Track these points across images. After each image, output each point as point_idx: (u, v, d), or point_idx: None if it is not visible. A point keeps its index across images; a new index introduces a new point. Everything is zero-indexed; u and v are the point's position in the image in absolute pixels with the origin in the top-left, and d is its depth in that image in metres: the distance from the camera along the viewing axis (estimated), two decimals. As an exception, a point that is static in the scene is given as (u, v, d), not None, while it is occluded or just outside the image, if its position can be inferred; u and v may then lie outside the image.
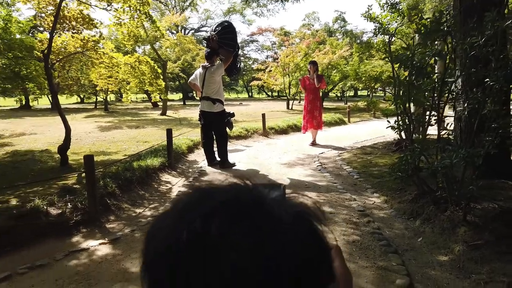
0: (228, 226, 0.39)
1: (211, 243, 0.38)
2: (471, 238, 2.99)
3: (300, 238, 0.41)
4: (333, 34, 38.42)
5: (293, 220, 0.42)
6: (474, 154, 2.75)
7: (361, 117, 16.27)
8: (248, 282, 0.37)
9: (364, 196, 4.72)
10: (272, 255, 0.38)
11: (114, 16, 6.88)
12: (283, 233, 0.40)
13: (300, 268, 0.39)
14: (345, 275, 0.56)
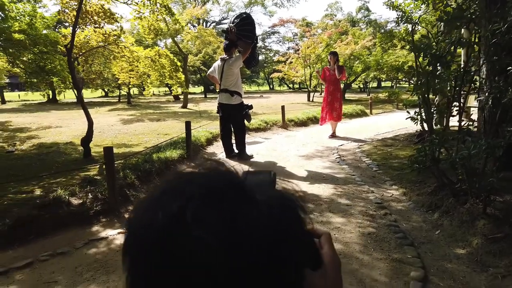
0: (203, 210, 0.39)
1: (185, 225, 0.38)
2: (490, 231, 2.91)
3: (278, 224, 0.42)
4: (356, 24, 37.65)
5: (273, 206, 0.43)
6: (495, 145, 2.66)
7: (384, 108, 15.96)
8: (222, 267, 0.37)
9: (383, 189, 4.66)
10: (247, 240, 0.39)
11: (134, 10, 6.98)
12: (260, 218, 0.40)
13: (275, 254, 0.40)
14: (333, 261, 0.56)
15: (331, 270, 0.53)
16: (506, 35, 2.81)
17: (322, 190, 4.62)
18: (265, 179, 0.59)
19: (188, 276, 0.37)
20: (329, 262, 0.53)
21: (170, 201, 0.41)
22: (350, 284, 2.53)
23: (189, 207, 0.39)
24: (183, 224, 0.38)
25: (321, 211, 3.90)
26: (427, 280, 2.57)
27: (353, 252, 2.99)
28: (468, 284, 2.50)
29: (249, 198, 0.42)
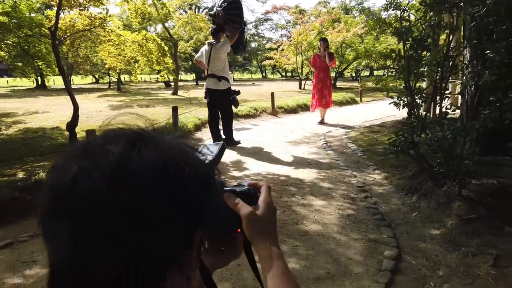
0: (79, 176, 0.42)
1: (66, 190, 0.41)
2: (464, 213, 2.97)
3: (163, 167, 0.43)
4: (349, 12, 37.42)
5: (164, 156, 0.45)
6: (470, 128, 2.69)
7: (374, 96, 16.00)
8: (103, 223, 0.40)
9: (365, 173, 4.71)
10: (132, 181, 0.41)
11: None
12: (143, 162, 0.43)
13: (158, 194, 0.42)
14: (265, 201, 0.70)
15: (263, 207, 0.68)
16: (485, 19, 2.83)
17: (306, 175, 4.66)
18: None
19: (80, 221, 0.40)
20: (262, 201, 0.69)
21: (58, 167, 0.44)
22: (326, 262, 2.58)
23: (69, 173, 0.42)
24: (65, 190, 0.41)
25: (303, 194, 3.94)
26: (401, 259, 2.63)
27: (331, 232, 3.04)
28: (440, 263, 2.56)
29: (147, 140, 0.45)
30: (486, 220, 2.83)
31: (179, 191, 0.44)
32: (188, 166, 0.46)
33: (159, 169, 0.43)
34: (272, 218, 0.69)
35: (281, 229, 3.11)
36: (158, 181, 0.42)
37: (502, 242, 2.61)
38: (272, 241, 0.67)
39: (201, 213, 0.48)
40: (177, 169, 0.45)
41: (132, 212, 0.40)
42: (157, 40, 7.33)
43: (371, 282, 2.34)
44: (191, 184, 0.46)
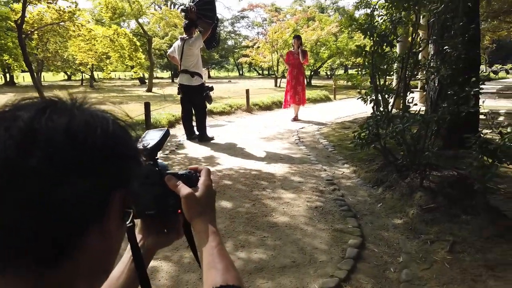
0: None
1: None
2: (425, 202, 3.10)
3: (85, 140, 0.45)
4: (325, 11, 37.92)
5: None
6: (429, 120, 2.81)
7: (347, 94, 16.29)
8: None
9: (335, 167, 4.82)
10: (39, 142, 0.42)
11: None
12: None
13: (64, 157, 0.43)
14: (205, 183, 0.73)
15: (202, 189, 0.71)
16: (443, 15, 2.95)
17: (277, 169, 4.73)
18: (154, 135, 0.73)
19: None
20: (201, 184, 0.72)
21: None
22: (292, 252, 2.64)
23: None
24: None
25: (274, 188, 4.00)
26: (364, 247, 2.72)
27: (299, 223, 3.11)
28: (401, 250, 2.67)
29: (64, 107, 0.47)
30: (444, 209, 2.96)
31: (90, 156, 0.45)
32: (104, 133, 0.47)
33: (69, 134, 0.44)
34: (211, 200, 0.72)
35: (250, 221, 3.15)
36: (67, 145, 0.43)
37: (459, 229, 2.74)
38: (209, 220, 0.70)
39: (118, 178, 0.49)
40: (90, 135, 0.45)
41: (42, 174, 0.41)
42: (128, 35, 7.23)
43: (334, 269, 2.41)
44: (105, 151, 0.46)
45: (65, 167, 0.43)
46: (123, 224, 0.54)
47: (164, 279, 2.34)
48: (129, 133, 0.54)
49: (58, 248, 0.43)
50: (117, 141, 0.50)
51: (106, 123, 0.49)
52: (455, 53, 2.96)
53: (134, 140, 0.55)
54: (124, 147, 0.51)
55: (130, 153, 0.52)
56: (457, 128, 3.92)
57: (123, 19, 17.04)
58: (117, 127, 0.51)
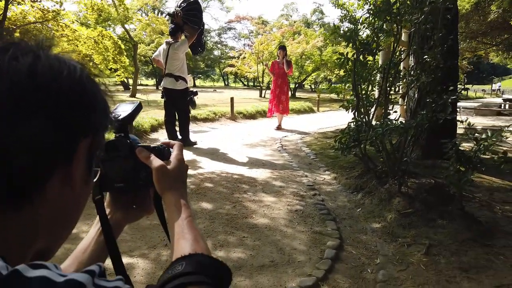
0: None
1: None
2: (403, 207, 3.15)
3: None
4: (310, 26, 38.56)
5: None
6: (407, 126, 2.88)
7: (331, 107, 16.54)
8: None
9: (316, 174, 4.85)
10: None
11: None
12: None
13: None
14: (176, 157, 0.72)
15: (174, 163, 0.71)
16: (423, 25, 3.05)
17: (259, 174, 4.73)
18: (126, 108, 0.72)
19: None
20: (174, 157, 0.72)
21: None
22: (271, 252, 2.64)
23: None
24: None
25: (255, 192, 4.00)
26: (342, 249, 2.74)
27: (278, 225, 3.11)
28: (378, 252, 2.69)
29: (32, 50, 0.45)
30: (421, 214, 3.02)
31: (54, 100, 0.43)
32: (71, 78, 0.46)
33: (33, 75, 0.42)
34: (182, 174, 0.72)
35: (230, 222, 3.14)
36: (30, 86, 0.42)
37: (434, 233, 2.79)
38: (180, 194, 0.69)
39: (84, 126, 0.48)
40: (56, 79, 0.44)
41: (3, 112, 0.40)
42: (113, 38, 7.18)
43: (312, 269, 2.41)
44: (71, 96, 0.45)
45: (28, 108, 0.41)
46: (89, 180, 0.53)
47: (139, 276, 2.29)
48: (99, 86, 0.52)
49: (17, 189, 0.42)
50: (85, 90, 0.48)
51: (74, 69, 0.48)
52: (434, 63, 3.05)
53: (103, 94, 0.53)
54: (92, 97, 0.49)
55: (98, 104, 0.51)
56: (436, 138, 4.01)
57: (108, 24, 16.95)
58: (86, 76, 0.50)
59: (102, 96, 0.52)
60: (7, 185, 0.41)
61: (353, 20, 5.56)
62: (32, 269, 0.37)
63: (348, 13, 6.06)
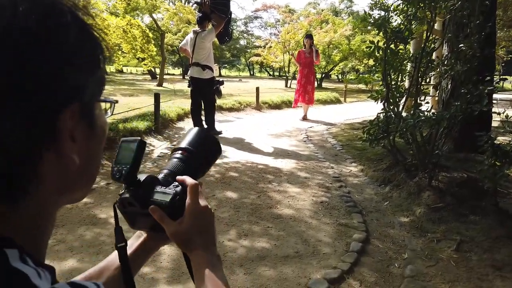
0: None
1: None
2: (433, 202, 3.05)
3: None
4: (338, 14, 37.77)
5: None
6: (439, 117, 2.77)
7: (358, 97, 16.21)
8: None
9: (342, 165, 4.78)
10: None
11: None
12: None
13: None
14: (191, 210, 0.64)
15: (187, 220, 0.63)
16: (460, 12, 2.90)
17: (284, 164, 4.70)
18: None
19: None
20: (187, 212, 0.63)
21: None
22: (295, 243, 2.62)
23: None
24: None
25: (280, 182, 3.98)
26: (368, 242, 2.69)
27: (303, 217, 3.08)
28: (406, 247, 2.63)
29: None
30: (452, 209, 2.92)
31: (27, 74, 0.35)
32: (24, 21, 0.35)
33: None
34: (202, 227, 0.64)
35: (254, 212, 3.14)
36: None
37: (466, 229, 2.69)
38: (199, 254, 0.63)
39: (67, 87, 0.39)
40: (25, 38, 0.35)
41: None
42: (141, 27, 7.26)
43: (337, 262, 2.38)
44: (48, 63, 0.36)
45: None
46: (93, 133, 0.45)
47: (165, 262, 2.33)
48: (82, 27, 0.42)
49: (9, 187, 0.37)
50: (50, 41, 0.37)
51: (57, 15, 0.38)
52: (470, 52, 2.91)
53: (90, 37, 0.43)
54: (66, 49, 0.38)
55: (76, 57, 0.40)
56: (469, 130, 3.86)
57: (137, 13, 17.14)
58: (57, 14, 0.39)
59: (86, 42, 0.42)
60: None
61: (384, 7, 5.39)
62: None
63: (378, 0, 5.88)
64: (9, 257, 0.34)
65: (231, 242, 2.61)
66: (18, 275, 0.33)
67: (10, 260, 0.34)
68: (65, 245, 2.52)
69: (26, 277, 0.34)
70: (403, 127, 2.76)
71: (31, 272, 0.34)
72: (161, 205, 0.63)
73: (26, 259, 0.35)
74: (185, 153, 0.72)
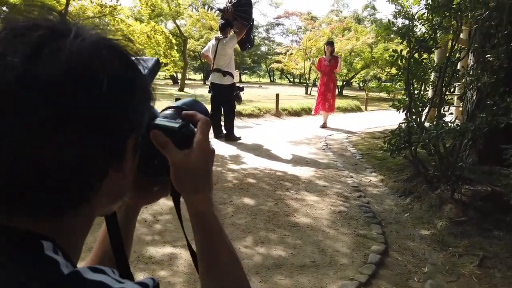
0: (11, 38, 0.38)
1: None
2: (455, 215, 2.97)
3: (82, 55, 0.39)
4: (361, 22, 37.49)
5: (87, 45, 0.40)
6: (464, 129, 2.70)
7: (380, 106, 16.01)
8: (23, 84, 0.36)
9: (362, 175, 4.71)
10: (46, 63, 0.37)
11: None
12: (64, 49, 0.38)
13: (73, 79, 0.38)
14: (199, 144, 0.57)
15: (196, 153, 0.56)
16: (487, 22, 2.84)
17: (302, 172, 4.68)
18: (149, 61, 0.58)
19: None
20: (196, 144, 0.57)
21: None
22: (312, 252, 2.59)
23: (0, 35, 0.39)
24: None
25: (298, 190, 3.95)
26: (387, 254, 2.63)
27: (321, 226, 3.05)
28: (426, 260, 2.56)
29: (64, 34, 0.40)
30: (475, 223, 2.83)
31: (106, 99, 0.40)
32: (123, 70, 0.43)
33: (73, 80, 0.38)
34: (206, 167, 0.58)
35: (271, 219, 3.12)
36: (73, 94, 0.38)
37: (489, 244, 2.61)
38: (203, 196, 0.58)
39: (133, 120, 0.45)
40: (107, 74, 0.40)
41: (49, 127, 0.37)
42: (165, 32, 7.39)
43: (355, 273, 2.34)
44: (123, 90, 0.42)
45: (70, 130, 0.38)
46: (135, 156, 0.50)
47: (182, 266, 2.34)
48: (140, 70, 0.47)
49: (75, 197, 0.41)
50: (127, 81, 0.43)
51: (126, 59, 0.44)
52: (497, 63, 2.84)
53: (146, 77, 0.49)
54: (135, 87, 0.45)
55: (144, 95, 0.47)
56: (495, 143, 3.75)
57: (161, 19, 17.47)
58: (130, 63, 0.45)
59: (146, 83, 0.48)
60: (65, 195, 0.41)
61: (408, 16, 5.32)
62: (92, 272, 0.38)
63: (403, 8, 5.80)
64: (44, 247, 0.38)
65: (247, 249, 2.60)
66: (50, 261, 0.38)
67: (45, 249, 0.38)
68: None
69: (57, 264, 0.38)
70: (426, 138, 2.70)
71: (61, 261, 0.38)
72: (167, 129, 0.55)
73: (58, 252, 0.39)
74: (180, 111, 0.62)
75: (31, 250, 0.38)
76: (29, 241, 0.38)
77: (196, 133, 0.58)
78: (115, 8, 6.82)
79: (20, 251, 0.37)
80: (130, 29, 7.25)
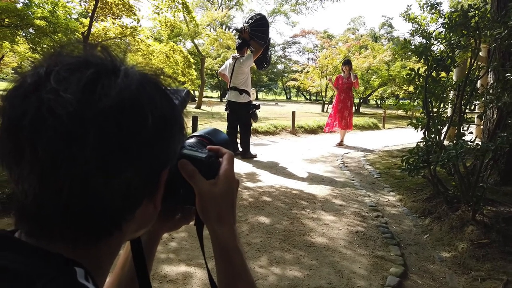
0: (64, 74, 0.40)
1: (47, 84, 0.39)
2: (477, 237, 2.87)
3: (131, 94, 0.41)
4: (378, 40, 37.54)
5: (133, 82, 0.42)
6: (484, 148, 2.64)
7: (397, 124, 15.84)
8: (75, 120, 0.38)
9: (380, 194, 4.63)
10: (99, 103, 0.39)
11: (153, 5, 7.17)
12: (114, 86, 0.41)
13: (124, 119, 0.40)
14: (225, 175, 0.59)
15: (223, 183, 0.58)
16: (506, 41, 2.80)
17: (318, 191, 4.63)
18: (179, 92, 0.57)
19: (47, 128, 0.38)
20: (222, 175, 0.58)
21: (38, 69, 0.42)
22: (328, 273, 2.54)
23: (54, 70, 0.40)
24: (46, 84, 0.39)
25: (314, 209, 3.91)
26: (406, 277, 2.56)
27: (337, 246, 2.99)
28: (447, 284, 2.48)
29: (113, 72, 0.42)
30: (498, 246, 2.73)
31: (150, 133, 0.42)
32: (163, 105, 0.45)
33: (120, 120, 0.40)
34: (232, 197, 0.60)
35: (287, 239, 3.09)
36: (120, 135, 0.40)
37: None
38: (228, 228, 0.59)
39: (169, 152, 0.48)
40: (150, 109, 0.43)
41: (99, 160, 0.39)
42: (183, 52, 7.55)
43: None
44: (163, 124, 0.45)
45: (118, 163, 0.41)
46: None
47: (196, 285, 2.32)
48: (175, 103, 0.50)
49: (111, 225, 0.45)
50: (168, 119, 0.47)
51: (166, 96, 0.47)
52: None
53: (179, 110, 0.51)
54: (172, 123, 0.48)
55: (179, 127, 0.50)
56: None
57: (179, 39, 17.90)
58: (168, 98, 0.48)
59: (180, 114, 0.51)
60: (102, 223, 0.44)
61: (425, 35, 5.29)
62: None
63: (420, 27, 5.79)
64: (77, 274, 0.40)
65: (262, 269, 2.57)
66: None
67: (78, 276, 0.40)
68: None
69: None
70: (445, 157, 2.65)
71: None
72: (194, 159, 0.56)
73: (89, 279, 0.42)
74: (203, 140, 0.64)
75: (65, 276, 0.40)
76: (64, 267, 0.40)
77: (221, 163, 0.60)
78: (135, 29, 7.03)
79: (55, 276, 0.39)
80: (149, 49, 7.44)
